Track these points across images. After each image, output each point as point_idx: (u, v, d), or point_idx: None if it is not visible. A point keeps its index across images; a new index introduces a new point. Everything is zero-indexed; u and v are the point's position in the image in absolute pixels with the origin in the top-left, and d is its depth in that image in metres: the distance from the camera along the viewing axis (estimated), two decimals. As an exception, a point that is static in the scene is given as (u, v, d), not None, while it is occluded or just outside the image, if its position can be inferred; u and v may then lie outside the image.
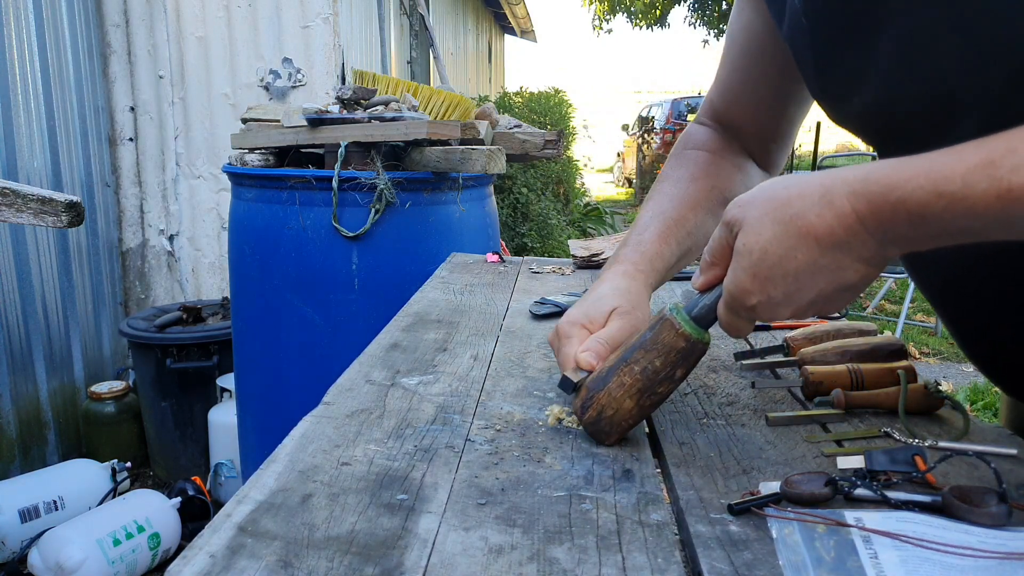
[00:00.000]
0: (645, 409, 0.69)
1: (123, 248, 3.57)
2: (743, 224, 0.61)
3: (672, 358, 0.67)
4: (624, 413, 0.68)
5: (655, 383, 0.68)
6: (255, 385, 2.14)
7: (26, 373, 2.93)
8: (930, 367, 4.50)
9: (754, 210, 0.60)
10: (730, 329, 0.66)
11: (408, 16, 5.86)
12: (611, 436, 0.69)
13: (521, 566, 0.48)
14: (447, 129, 1.95)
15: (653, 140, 14.16)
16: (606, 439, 0.69)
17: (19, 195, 1.60)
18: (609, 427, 0.69)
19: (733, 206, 0.63)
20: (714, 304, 0.67)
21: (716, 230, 0.65)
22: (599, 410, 0.69)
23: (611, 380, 0.69)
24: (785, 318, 0.63)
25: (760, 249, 0.59)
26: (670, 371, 0.67)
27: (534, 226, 5.99)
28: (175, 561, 0.48)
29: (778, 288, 0.60)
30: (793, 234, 0.58)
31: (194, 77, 3.42)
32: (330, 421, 0.72)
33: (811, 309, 0.61)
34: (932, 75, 0.63)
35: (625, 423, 0.69)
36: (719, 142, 0.95)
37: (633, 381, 0.68)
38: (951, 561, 0.49)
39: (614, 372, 0.69)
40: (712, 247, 0.66)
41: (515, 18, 12.74)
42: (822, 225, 0.57)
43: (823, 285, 0.59)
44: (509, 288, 1.37)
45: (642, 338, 0.69)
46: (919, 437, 0.69)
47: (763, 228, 0.59)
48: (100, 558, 2.17)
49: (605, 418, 0.69)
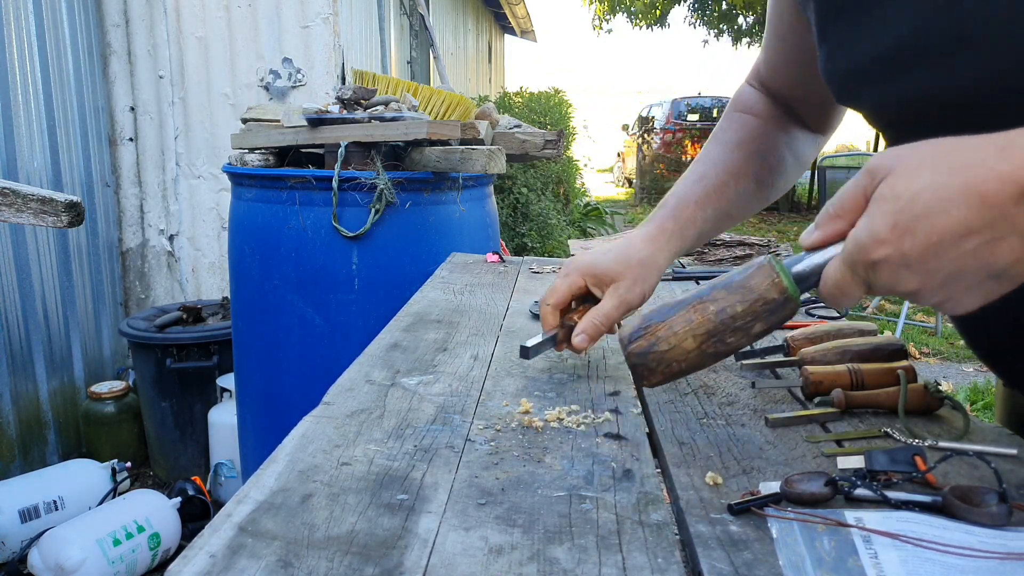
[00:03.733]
0: (706, 357, 0.61)
1: (123, 248, 3.57)
2: (894, 169, 0.53)
3: (757, 308, 0.58)
4: (680, 353, 0.60)
5: (727, 330, 0.59)
6: (255, 385, 2.14)
7: (26, 373, 2.93)
8: (930, 367, 4.50)
9: (911, 157, 0.53)
10: (836, 292, 0.56)
11: (408, 16, 5.86)
12: (654, 376, 0.61)
13: (521, 566, 0.48)
14: (447, 129, 1.95)
15: (653, 140, 14.16)
16: (648, 377, 0.62)
17: (19, 195, 1.60)
18: (657, 363, 0.61)
19: (880, 156, 0.55)
20: (822, 265, 0.57)
21: (850, 181, 0.56)
22: (652, 341, 0.61)
23: (676, 313, 0.60)
24: (906, 292, 0.53)
25: (911, 195, 0.51)
26: (749, 322, 0.59)
27: (534, 226, 5.99)
28: (175, 561, 0.48)
29: (916, 245, 0.51)
30: (955, 186, 0.50)
31: (194, 77, 3.42)
32: (330, 421, 0.72)
33: (940, 291, 0.52)
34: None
35: (677, 365, 0.61)
36: (767, 106, 0.94)
37: (704, 320, 0.59)
38: (951, 561, 0.49)
39: (683, 306, 0.61)
40: (841, 198, 0.57)
41: (515, 18, 12.74)
42: (992, 181, 0.48)
43: (968, 260, 0.50)
44: (509, 288, 1.37)
45: (728, 278, 0.60)
46: (919, 437, 0.69)
47: (920, 174, 0.51)
48: (100, 558, 2.17)
49: (656, 352, 0.61)
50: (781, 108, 0.94)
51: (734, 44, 14.21)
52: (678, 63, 65.38)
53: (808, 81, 0.88)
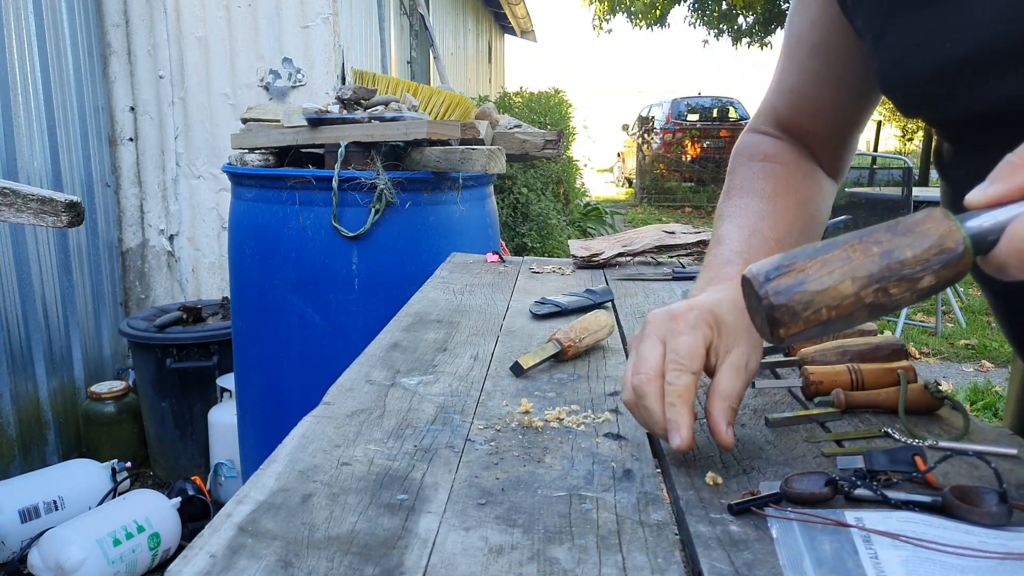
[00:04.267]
0: (861, 309, 0.49)
1: (123, 248, 3.57)
2: None
3: (930, 255, 0.48)
4: (835, 297, 0.49)
5: (894, 277, 0.48)
6: (255, 385, 2.14)
7: (26, 373, 2.93)
8: (930, 367, 4.50)
9: None
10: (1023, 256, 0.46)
11: (408, 16, 5.86)
12: (796, 323, 0.50)
13: (521, 566, 0.48)
14: (447, 129, 1.95)
15: (653, 140, 14.16)
16: (789, 324, 0.50)
17: (19, 195, 1.60)
18: (804, 307, 0.49)
19: None
20: (1004, 223, 0.47)
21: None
22: (801, 278, 0.49)
23: (832, 251, 0.50)
24: None
25: None
26: (920, 272, 0.48)
27: (534, 226, 5.99)
28: (175, 561, 0.48)
29: None
30: None
31: (194, 77, 3.42)
32: (330, 421, 0.72)
33: None
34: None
35: (827, 313, 0.49)
36: (790, 153, 0.87)
37: (866, 260, 0.49)
38: (951, 561, 0.49)
39: (839, 244, 0.50)
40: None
41: (515, 18, 12.74)
42: None
43: None
44: (509, 288, 1.37)
45: (892, 223, 0.51)
46: (919, 437, 0.69)
47: None
48: (100, 558, 2.17)
49: (805, 291, 0.49)
50: (802, 151, 0.88)
51: (734, 44, 14.21)
52: (678, 63, 65.40)
53: (839, 115, 0.85)
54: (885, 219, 2.64)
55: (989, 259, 0.48)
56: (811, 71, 0.84)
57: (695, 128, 13.91)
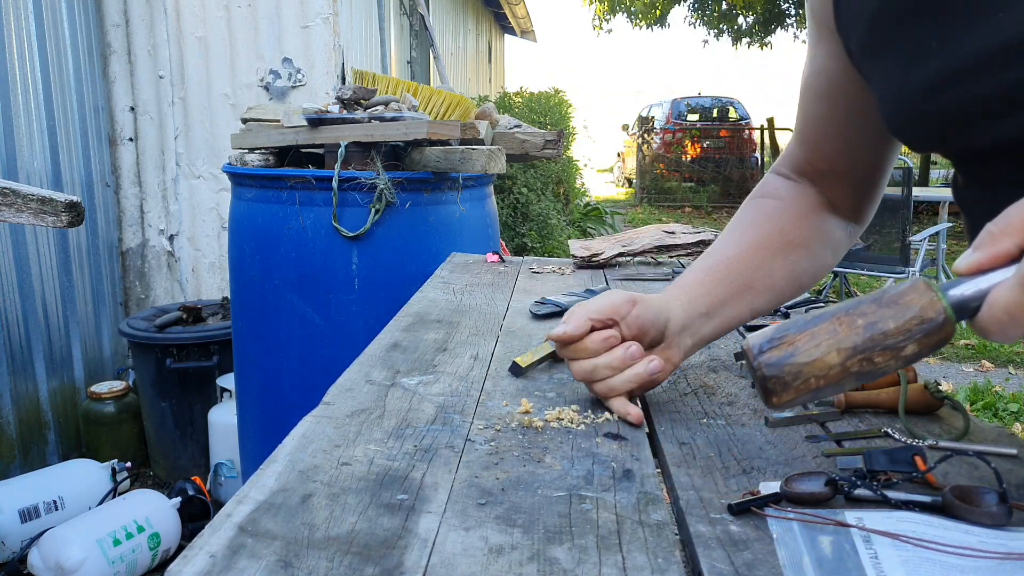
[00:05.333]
0: (848, 377, 0.53)
1: (123, 248, 3.57)
2: None
3: (911, 326, 0.52)
4: (821, 367, 0.53)
5: (877, 347, 0.52)
6: (255, 385, 2.14)
7: (26, 373, 2.93)
8: (930, 367, 4.50)
9: None
10: (1004, 318, 0.48)
11: (408, 16, 5.86)
12: (787, 392, 0.54)
13: (521, 566, 0.48)
14: (447, 129, 1.95)
15: (653, 140, 14.16)
16: (780, 393, 0.54)
17: (19, 195, 1.60)
18: (793, 377, 0.54)
19: None
20: (985, 291, 0.49)
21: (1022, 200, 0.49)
22: (790, 351, 0.54)
23: (818, 324, 0.54)
24: None
25: None
26: (902, 341, 0.52)
27: (534, 226, 5.99)
28: (175, 561, 0.48)
29: None
30: None
31: (194, 77, 3.42)
32: (330, 421, 0.72)
33: None
34: None
35: (816, 382, 0.54)
36: (792, 189, 0.91)
37: (851, 332, 0.53)
38: (951, 561, 0.49)
39: (826, 318, 0.54)
40: (1009, 216, 0.49)
41: (515, 18, 12.74)
42: None
43: None
44: (509, 288, 1.37)
45: (877, 294, 0.54)
46: (919, 437, 0.69)
47: None
48: (100, 558, 2.17)
49: (794, 363, 0.53)
50: (810, 192, 0.91)
51: (734, 44, 14.22)
52: (678, 63, 65.39)
53: (850, 156, 0.86)
54: (885, 219, 2.68)
55: (973, 324, 0.51)
56: (817, 116, 0.87)
57: (695, 128, 13.91)
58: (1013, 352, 4.69)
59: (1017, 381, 4.27)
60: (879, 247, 4.86)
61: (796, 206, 0.89)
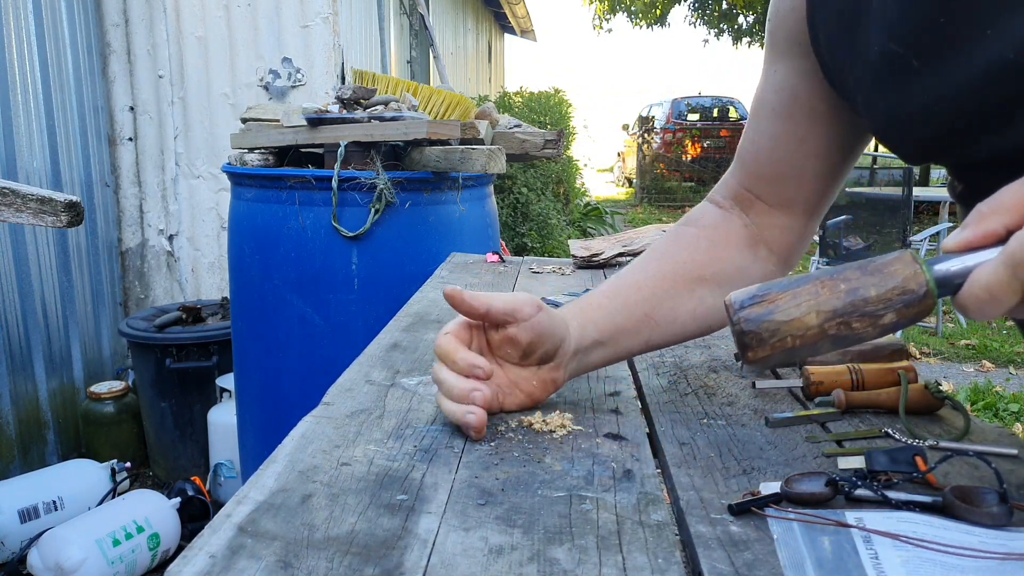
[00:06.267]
0: (824, 340, 0.54)
1: (123, 248, 3.57)
2: None
3: (892, 296, 0.53)
4: (799, 327, 0.54)
5: (856, 313, 0.53)
6: (255, 385, 2.14)
7: (26, 373, 2.93)
8: (930, 367, 4.50)
9: None
10: (984, 296, 0.49)
11: (408, 16, 5.86)
12: (763, 348, 0.55)
13: (521, 566, 0.48)
14: (447, 129, 1.95)
15: (653, 140, 14.17)
16: (756, 349, 0.55)
17: (19, 195, 1.60)
18: (770, 335, 0.54)
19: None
20: (970, 268, 0.50)
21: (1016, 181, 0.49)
22: (770, 308, 0.55)
23: (803, 285, 0.55)
24: None
25: None
26: (881, 310, 0.53)
27: (534, 226, 5.99)
28: (175, 561, 0.48)
29: None
30: None
31: (194, 77, 3.42)
32: (330, 421, 0.72)
33: None
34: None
35: (792, 341, 0.54)
36: (719, 219, 0.88)
37: (832, 296, 0.53)
38: (952, 561, 0.48)
39: (810, 280, 0.55)
40: (1000, 196, 0.50)
41: (515, 18, 12.74)
42: None
43: None
44: (509, 288, 1.37)
45: (863, 262, 0.55)
46: (919, 437, 0.69)
47: None
48: (100, 558, 2.17)
49: (772, 321, 0.54)
50: (740, 225, 0.87)
51: (734, 44, 14.23)
52: (678, 63, 65.41)
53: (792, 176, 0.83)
54: (886, 219, 2.68)
55: (954, 300, 0.51)
56: (771, 135, 0.83)
57: (695, 128, 13.92)
58: (1014, 352, 4.69)
59: (1018, 381, 4.27)
60: (879, 247, 4.85)
61: (717, 237, 0.86)
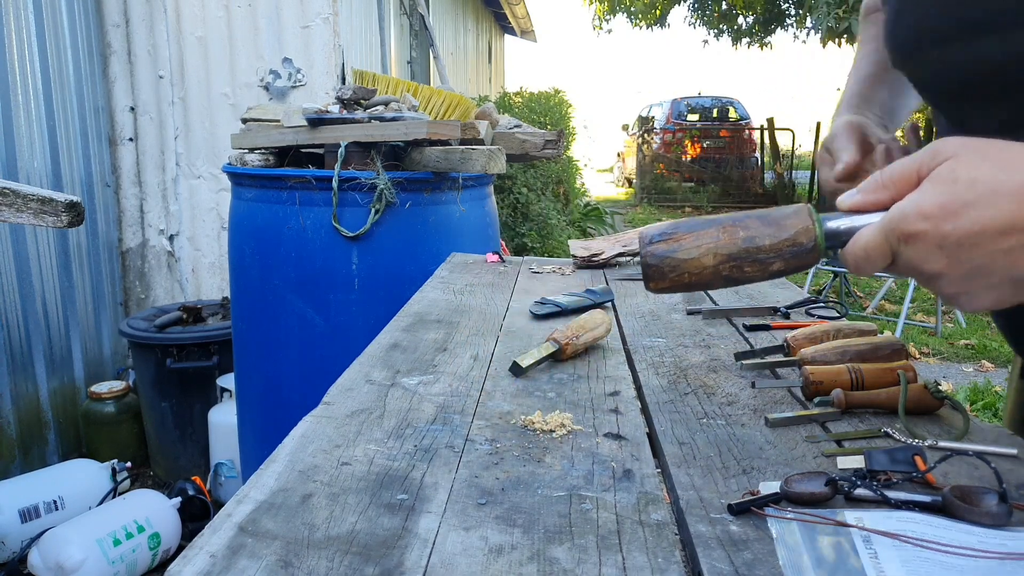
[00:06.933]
0: (718, 278, 0.61)
1: (123, 248, 3.57)
2: (958, 154, 0.54)
3: (783, 247, 0.59)
4: (697, 266, 0.61)
5: (748, 258, 0.60)
6: (255, 385, 2.14)
7: (26, 373, 2.93)
8: (930, 367, 4.50)
9: (977, 147, 0.54)
10: (861, 255, 0.56)
11: (408, 16, 5.86)
12: (663, 280, 0.62)
13: (521, 566, 0.48)
14: (447, 129, 1.95)
15: (653, 140, 14.15)
16: (657, 280, 0.62)
17: (19, 195, 1.60)
18: (671, 269, 0.61)
19: (946, 140, 0.56)
20: (857, 228, 0.57)
21: (907, 157, 0.57)
22: (674, 247, 0.61)
23: (707, 228, 0.61)
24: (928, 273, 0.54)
25: (968, 180, 0.52)
26: (771, 258, 0.60)
27: (534, 226, 5.99)
28: (175, 561, 0.48)
29: (958, 229, 0.52)
30: (1012, 183, 0.51)
31: (194, 77, 3.42)
32: (330, 421, 0.72)
33: (961, 282, 0.53)
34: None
35: (689, 277, 0.61)
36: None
37: (729, 241, 0.60)
38: (951, 561, 0.49)
39: (714, 224, 0.62)
40: (892, 170, 0.57)
41: (515, 18, 12.73)
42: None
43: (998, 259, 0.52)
44: (509, 288, 1.37)
45: (766, 212, 0.62)
46: (919, 437, 0.69)
47: (982, 164, 0.53)
48: (100, 558, 2.17)
49: (674, 258, 0.61)
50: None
51: (734, 44, 14.20)
52: (678, 63, 65.39)
53: None
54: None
55: (839, 253, 0.59)
56: None
57: (695, 128, 13.90)
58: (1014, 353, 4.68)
59: (1017, 381, 4.26)
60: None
61: None
